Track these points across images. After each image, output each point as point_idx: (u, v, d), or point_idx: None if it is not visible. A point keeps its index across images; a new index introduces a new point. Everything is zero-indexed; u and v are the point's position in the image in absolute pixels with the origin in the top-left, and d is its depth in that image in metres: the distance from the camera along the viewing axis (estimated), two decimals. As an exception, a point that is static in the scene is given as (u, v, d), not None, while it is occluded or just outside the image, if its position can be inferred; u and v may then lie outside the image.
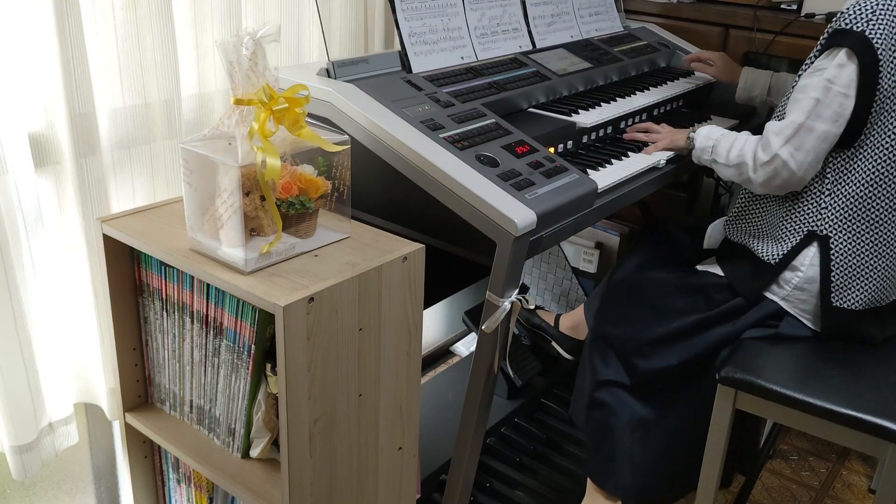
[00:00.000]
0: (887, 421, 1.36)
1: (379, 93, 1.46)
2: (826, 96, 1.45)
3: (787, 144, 1.48)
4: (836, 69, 1.45)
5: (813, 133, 1.46)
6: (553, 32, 2.00)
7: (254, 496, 1.22)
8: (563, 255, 2.51)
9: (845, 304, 1.55)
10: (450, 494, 1.49)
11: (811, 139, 1.47)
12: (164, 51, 1.45)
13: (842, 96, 1.45)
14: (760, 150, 1.51)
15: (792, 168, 1.48)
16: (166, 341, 1.33)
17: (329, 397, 1.15)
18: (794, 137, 1.47)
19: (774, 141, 1.49)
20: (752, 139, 1.55)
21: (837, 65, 1.45)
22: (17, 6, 1.26)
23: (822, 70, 1.47)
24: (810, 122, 1.46)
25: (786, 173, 1.49)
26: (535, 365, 2.23)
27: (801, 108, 1.47)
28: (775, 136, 1.49)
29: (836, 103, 1.45)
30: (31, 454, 1.43)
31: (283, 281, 1.11)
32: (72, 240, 1.42)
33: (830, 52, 1.47)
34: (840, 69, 1.45)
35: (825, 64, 1.47)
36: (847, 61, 1.44)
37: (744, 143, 1.55)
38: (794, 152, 1.47)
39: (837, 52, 1.46)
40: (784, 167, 1.48)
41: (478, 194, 1.28)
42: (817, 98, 1.46)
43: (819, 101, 1.46)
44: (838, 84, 1.45)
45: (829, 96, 1.45)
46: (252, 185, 1.11)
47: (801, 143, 1.47)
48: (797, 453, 2.27)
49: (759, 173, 1.52)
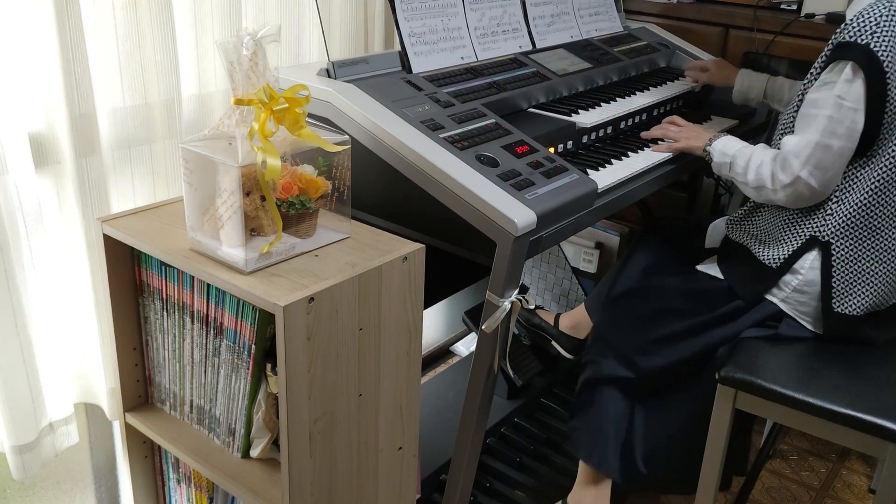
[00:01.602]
0: (887, 421, 1.36)
1: (379, 93, 1.46)
2: (838, 113, 1.44)
3: (807, 165, 1.47)
4: (844, 85, 1.44)
5: (830, 151, 1.46)
6: (553, 32, 2.00)
7: (254, 496, 1.22)
8: (563, 255, 2.51)
9: (846, 310, 1.54)
10: (450, 494, 1.50)
11: (829, 157, 1.46)
12: (164, 51, 1.45)
13: (853, 111, 1.44)
14: (780, 171, 1.50)
15: (814, 186, 1.48)
16: (166, 341, 1.33)
17: (329, 397, 1.15)
18: (813, 157, 1.46)
19: (794, 163, 1.48)
20: (766, 158, 1.54)
21: (845, 80, 1.44)
22: (17, 6, 1.26)
23: (831, 85, 1.46)
24: (826, 140, 1.45)
25: (808, 192, 1.49)
26: (535, 365, 2.23)
27: (815, 127, 1.46)
28: (794, 157, 1.48)
29: (849, 119, 1.45)
30: (31, 454, 1.43)
31: (284, 281, 1.11)
32: (72, 240, 1.42)
33: (836, 65, 1.46)
34: (848, 84, 1.44)
35: (832, 78, 1.46)
36: (854, 76, 1.43)
37: (759, 163, 1.54)
38: (813, 171, 1.47)
39: (843, 65, 1.44)
40: (807, 187, 1.48)
41: (478, 194, 1.28)
42: (830, 115, 1.45)
43: (832, 118, 1.45)
44: (849, 100, 1.44)
45: (841, 112, 1.44)
46: (252, 185, 1.11)
47: (819, 161, 1.46)
48: (797, 453, 2.27)
49: (780, 193, 1.52)
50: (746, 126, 2.02)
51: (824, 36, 2.12)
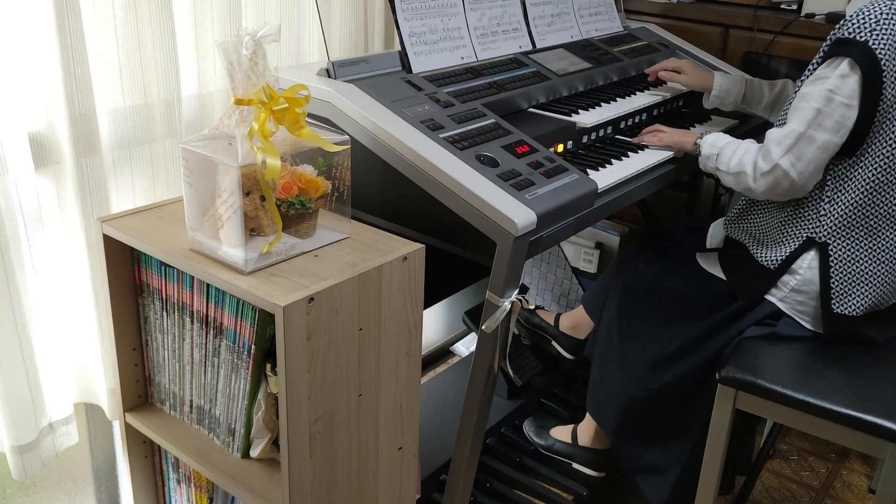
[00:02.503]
0: (887, 421, 1.36)
1: (379, 93, 1.46)
2: (828, 106, 1.44)
3: (787, 154, 1.47)
4: (838, 79, 1.44)
5: (814, 143, 1.46)
6: (553, 32, 2.00)
7: (254, 496, 1.22)
8: (563, 255, 2.51)
9: (846, 311, 1.54)
10: (450, 494, 1.49)
11: (811, 149, 1.46)
12: (164, 51, 1.45)
13: (844, 107, 1.44)
14: (761, 159, 1.51)
15: (793, 177, 1.48)
16: (166, 341, 1.33)
17: (329, 397, 1.15)
18: (795, 147, 1.47)
19: (775, 150, 1.48)
20: (752, 148, 1.54)
21: (840, 75, 1.44)
22: (17, 6, 1.26)
23: (825, 79, 1.46)
24: (811, 132, 1.45)
25: (787, 183, 1.49)
26: (535, 365, 2.23)
27: (801, 118, 1.47)
28: (776, 145, 1.49)
29: (838, 113, 1.44)
30: (31, 454, 1.43)
31: (283, 281, 1.11)
32: (72, 240, 1.42)
33: (833, 61, 1.46)
34: (842, 80, 1.44)
35: (827, 73, 1.46)
36: (850, 72, 1.43)
37: (744, 151, 1.55)
38: (794, 162, 1.47)
39: (840, 61, 1.45)
40: (785, 177, 1.48)
41: (478, 194, 1.28)
42: (818, 108, 1.45)
43: (820, 112, 1.45)
44: (840, 94, 1.44)
45: (830, 106, 1.44)
46: (252, 185, 1.11)
47: (801, 152, 1.46)
48: (797, 453, 2.27)
49: (759, 182, 1.52)
50: (747, 126, 2.02)
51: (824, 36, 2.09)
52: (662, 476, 1.72)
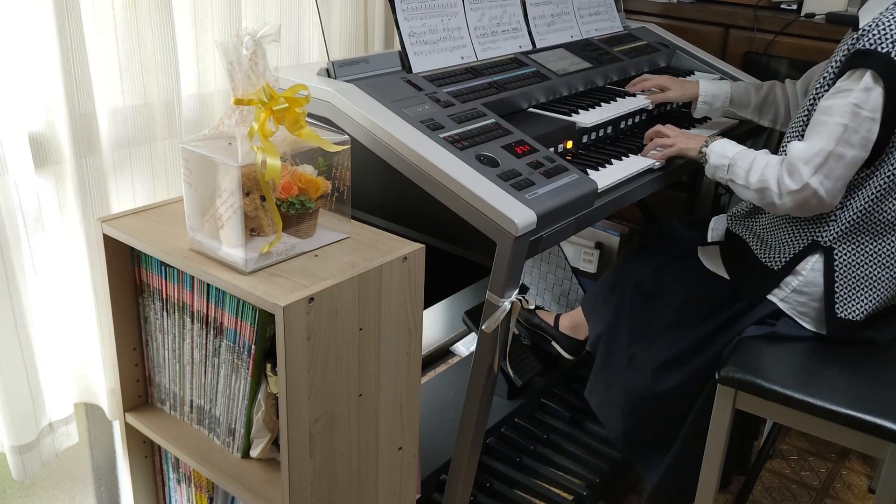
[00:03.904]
0: (887, 421, 1.36)
1: (379, 93, 1.46)
2: (854, 121, 1.41)
3: (817, 173, 1.43)
4: (862, 93, 1.40)
5: (843, 160, 1.42)
6: (553, 32, 2.00)
7: (254, 496, 1.22)
8: (563, 255, 2.51)
9: (850, 315, 1.54)
10: (450, 494, 1.49)
11: (841, 167, 1.43)
12: (164, 51, 1.45)
13: (870, 121, 1.41)
14: (787, 177, 1.46)
15: (822, 196, 1.44)
16: (166, 341, 1.33)
17: (329, 397, 1.15)
18: (824, 166, 1.43)
19: (804, 170, 1.44)
20: (773, 162, 1.50)
21: (864, 88, 1.40)
22: (17, 6, 1.26)
23: (847, 92, 1.42)
24: (840, 150, 1.42)
25: (815, 201, 1.45)
26: (535, 365, 2.23)
27: (829, 135, 1.42)
28: (804, 164, 1.44)
29: (865, 128, 1.41)
30: (31, 454, 1.43)
31: (283, 281, 1.11)
32: (72, 240, 1.42)
33: (853, 73, 1.43)
34: (867, 93, 1.40)
35: (849, 86, 1.42)
36: (874, 84, 1.40)
37: (764, 165, 1.50)
38: (823, 180, 1.43)
39: (862, 73, 1.41)
40: (814, 196, 1.44)
41: (478, 194, 1.28)
42: (845, 124, 1.41)
43: (847, 127, 1.41)
44: (866, 108, 1.40)
45: (857, 121, 1.41)
46: (252, 185, 1.11)
47: (830, 171, 1.43)
48: (797, 453, 2.27)
49: (785, 199, 1.47)
50: (746, 126, 2.02)
51: (824, 36, 2.12)
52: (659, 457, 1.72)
